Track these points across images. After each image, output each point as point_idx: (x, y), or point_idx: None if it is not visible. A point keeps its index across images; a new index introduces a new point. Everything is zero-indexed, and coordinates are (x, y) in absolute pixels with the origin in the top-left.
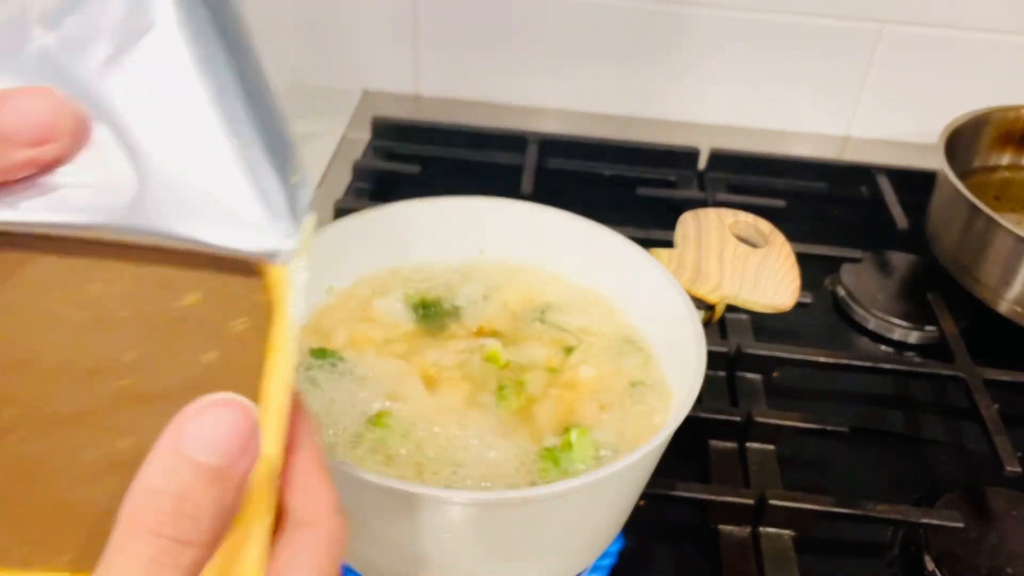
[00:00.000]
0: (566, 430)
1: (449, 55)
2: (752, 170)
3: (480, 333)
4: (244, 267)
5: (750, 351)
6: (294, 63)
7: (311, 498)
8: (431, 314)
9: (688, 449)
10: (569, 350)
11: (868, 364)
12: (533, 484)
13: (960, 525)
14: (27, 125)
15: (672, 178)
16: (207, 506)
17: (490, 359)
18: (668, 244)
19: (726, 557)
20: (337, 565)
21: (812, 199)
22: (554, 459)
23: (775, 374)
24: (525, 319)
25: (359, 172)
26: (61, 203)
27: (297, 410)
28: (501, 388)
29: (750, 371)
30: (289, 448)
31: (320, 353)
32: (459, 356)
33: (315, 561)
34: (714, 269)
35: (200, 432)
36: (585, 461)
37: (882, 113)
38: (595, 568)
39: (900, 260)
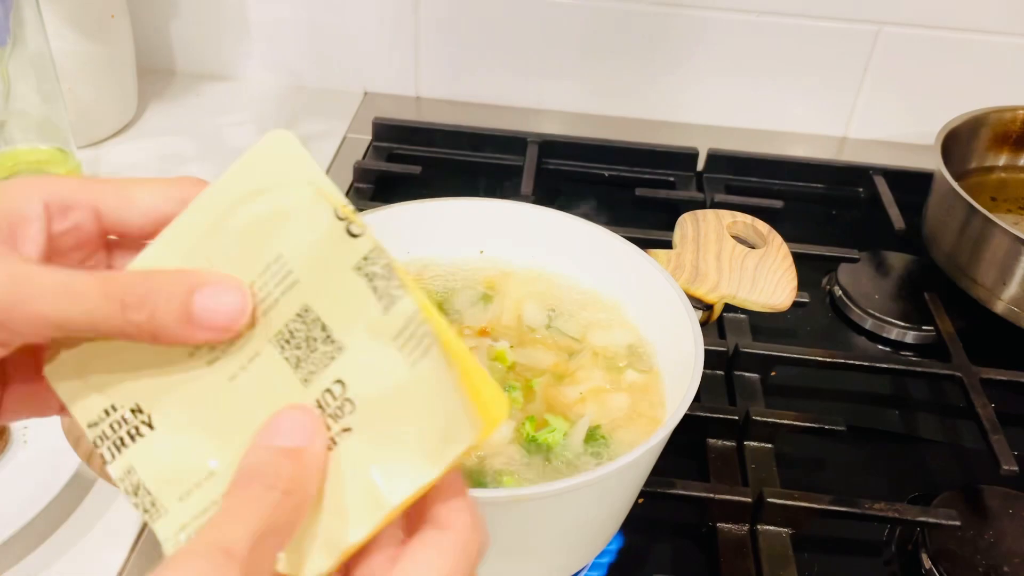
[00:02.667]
0: (569, 423)
1: (449, 57)
2: (750, 171)
3: (484, 333)
4: None
5: (748, 350)
6: (296, 65)
7: (452, 508)
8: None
9: (686, 448)
10: (571, 353)
11: (865, 363)
12: (533, 482)
13: (957, 523)
14: (214, 315)
15: (671, 179)
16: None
17: (497, 358)
18: (667, 245)
19: (724, 555)
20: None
21: (809, 200)
22: (547, 449)
23: (773, 373)
24: (528, 322)
25: (360, 173)
26: None
27: None
28: (511, 389)
29: (748, 370)
30: None
31: None
32: None
33: (445, 562)
34: (712, 269)
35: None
36: (584, 459)
37: (879, 114)
38: (594, 566)
39: (897, 260)
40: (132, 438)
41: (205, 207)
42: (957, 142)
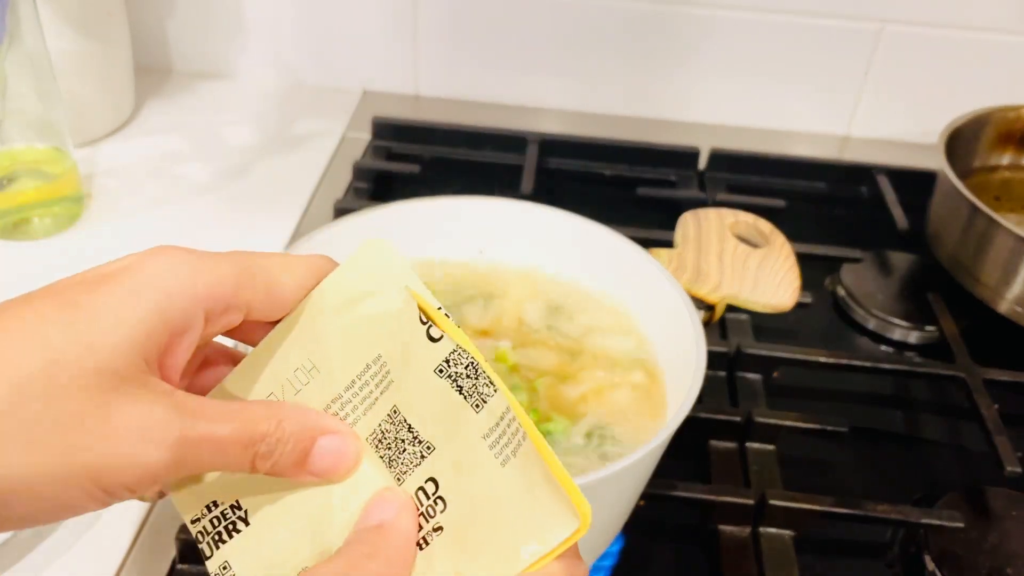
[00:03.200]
0: (571, 423)
1: (449, 55)
2: (752, 170)
3: (485, 334)
4: None
5: (750, 351)
6: (294, 63)
7: None
8: None
9: (688, 449)
10: (573, 353)
11: (868, 364)
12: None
13: (960, 525)
14: (323, 458)
15: (672, 178)
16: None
17: (499, 359)
18: (668, 244)
19: (726, 557)
20: None
21: (812, 199)
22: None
23: (775, 374)
24: (529, 323)
25: (359, 172)
26: None
27: None
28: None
29: (750, 371)
30: None
31: None
32: None
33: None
34: (714, 269)
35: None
36: (585, 460)
37: (882, 113)
38: (596, 568)
39: (900, 260)
40: (230, 534)
41: (313, 311)
42: (961, 141)
